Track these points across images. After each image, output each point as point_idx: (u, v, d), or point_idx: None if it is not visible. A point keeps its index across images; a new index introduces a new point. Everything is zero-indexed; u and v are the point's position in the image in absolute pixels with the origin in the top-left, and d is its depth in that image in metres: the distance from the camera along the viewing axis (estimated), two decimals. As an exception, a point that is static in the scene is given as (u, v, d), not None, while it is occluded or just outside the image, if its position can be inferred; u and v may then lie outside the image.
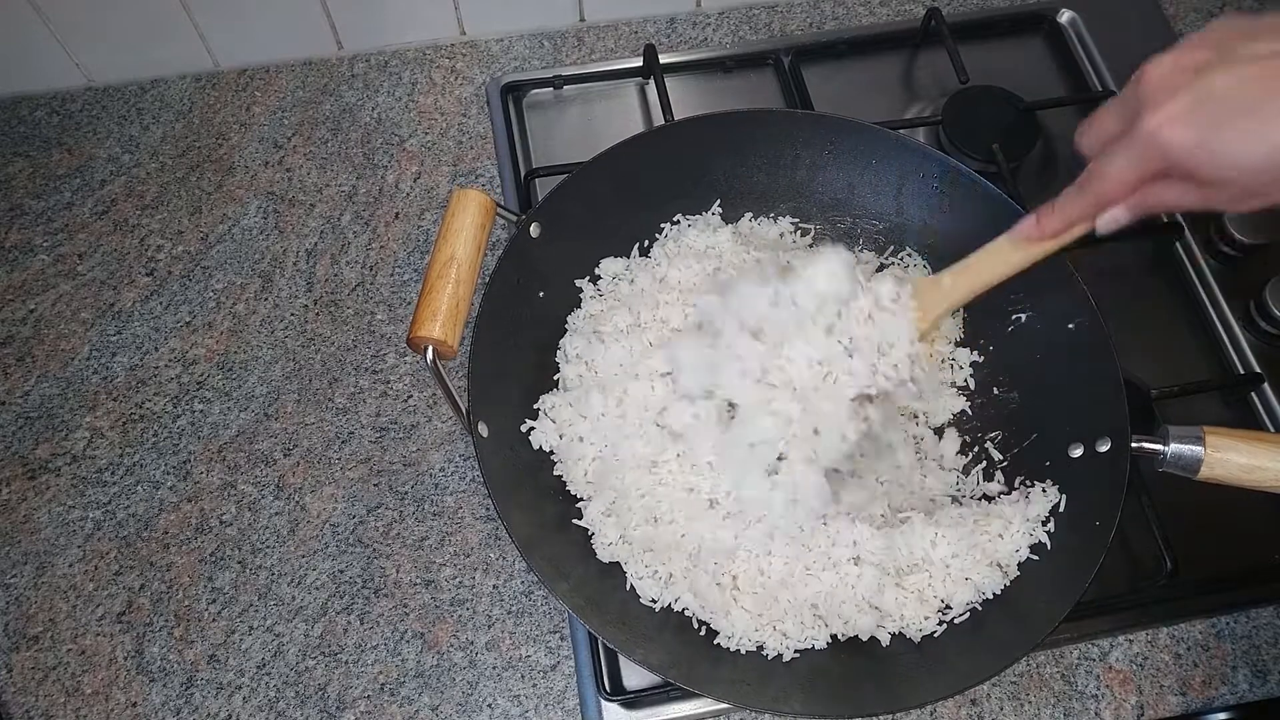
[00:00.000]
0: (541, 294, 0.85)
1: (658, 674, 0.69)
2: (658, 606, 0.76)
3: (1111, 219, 0.62)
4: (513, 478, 0.78)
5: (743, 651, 0.74)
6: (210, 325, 0.98)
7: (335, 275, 1.00)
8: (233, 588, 0.86)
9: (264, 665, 0.83)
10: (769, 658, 0.74)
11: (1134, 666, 0.83)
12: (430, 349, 0.70)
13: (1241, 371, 0.94)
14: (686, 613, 0.76)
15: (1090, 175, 0.60)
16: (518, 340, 0.83)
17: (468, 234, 0.73)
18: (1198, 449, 0.68)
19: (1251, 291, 0.96)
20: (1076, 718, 0.81)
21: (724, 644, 0.74)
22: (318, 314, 0.98)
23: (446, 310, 0.70)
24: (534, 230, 0.81)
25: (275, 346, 0.97)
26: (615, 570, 0.78)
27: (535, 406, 0.82)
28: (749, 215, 0.92)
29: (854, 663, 0.75)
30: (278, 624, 0.85)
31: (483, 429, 0.75)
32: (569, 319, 0.87)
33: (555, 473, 0.81)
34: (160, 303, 0.99)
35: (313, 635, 0.84)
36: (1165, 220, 1.01)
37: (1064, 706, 0.81)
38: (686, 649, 0.74)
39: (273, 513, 0.89)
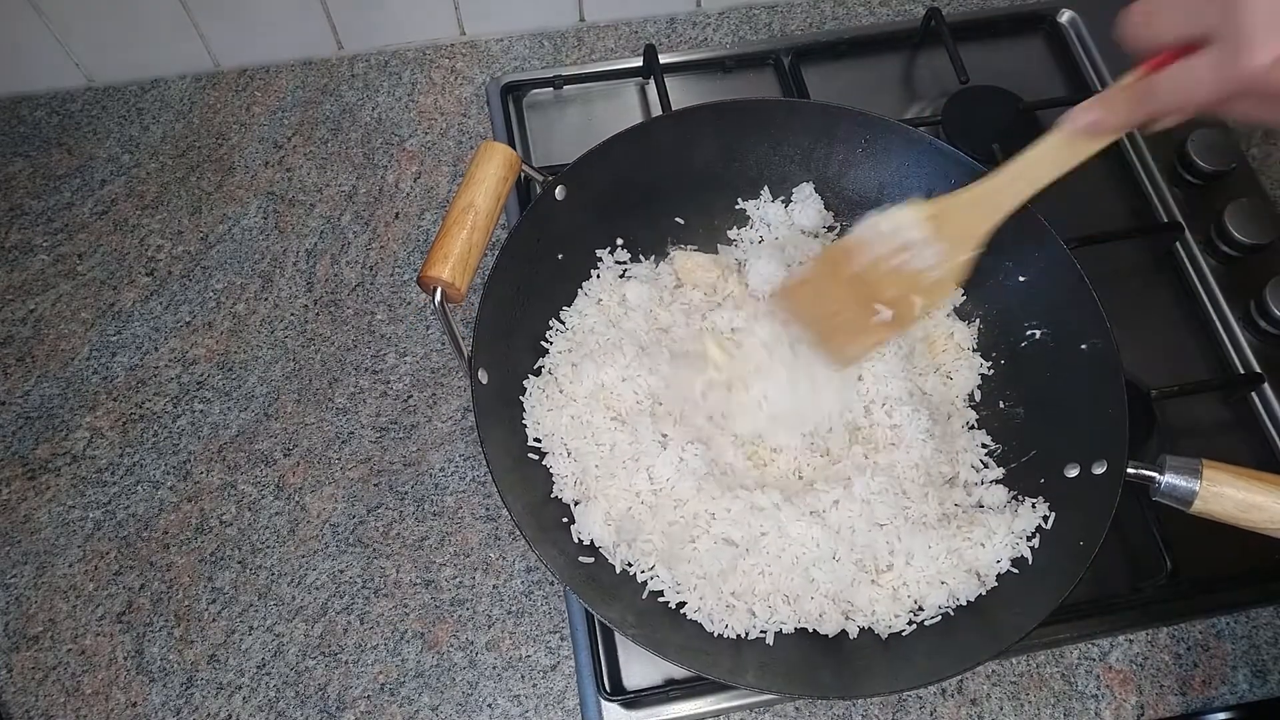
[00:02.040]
0: (560, 256, 0.85)
1: (620, 632, 0.69)
2: (634, 572, 0.77)
3: (1173, 120, 0.57)
4: (505, 432, 0.78)
5: (705, 624, 0.75)
6: (210, 325, 0.98)
7: (335, 275, 1.00)
8: (233, 588, 0.86)
9: (264, 665, 0.83)
10: (732, 635, 0.74)
11: (1134, 666, 0.83)
12: (438, 290, 0.70)
13: (1241, 371, 0.94)
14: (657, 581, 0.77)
15: (1163, 82, 0.55)
16: (530, 299, 0.83)
17: (489, 184, 0.73)
18: (1193, 483, 0.68)
19: (1251, 291, 0.96)
20: (1076, 718, 0.81)
21: (690, 615, 0.75)
22: (318, 314, 0.98)
23: (458, 254, 0.71)
24: (559, 193, 0.81)
25: (275, 346, 0.97)
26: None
27: (537, 366, 0.83)
28: (781, 200, 0.92)
29: (817, 648, 0.75)
30: (278, 624, 0.85)
31: (483, 376, 0.75)
32: (584, 285, 0.87)
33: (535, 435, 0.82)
34: (160, 303, 0.99)
35: (313, 635, 0.84)
36: (1165, 220, 1.01)
37: (1064, 706, 0.81)
38: (652, 613, 0.75)
39: (273, 513, 0.89)
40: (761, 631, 0.74)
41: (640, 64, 1.08)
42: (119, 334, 0.97)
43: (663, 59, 1.07)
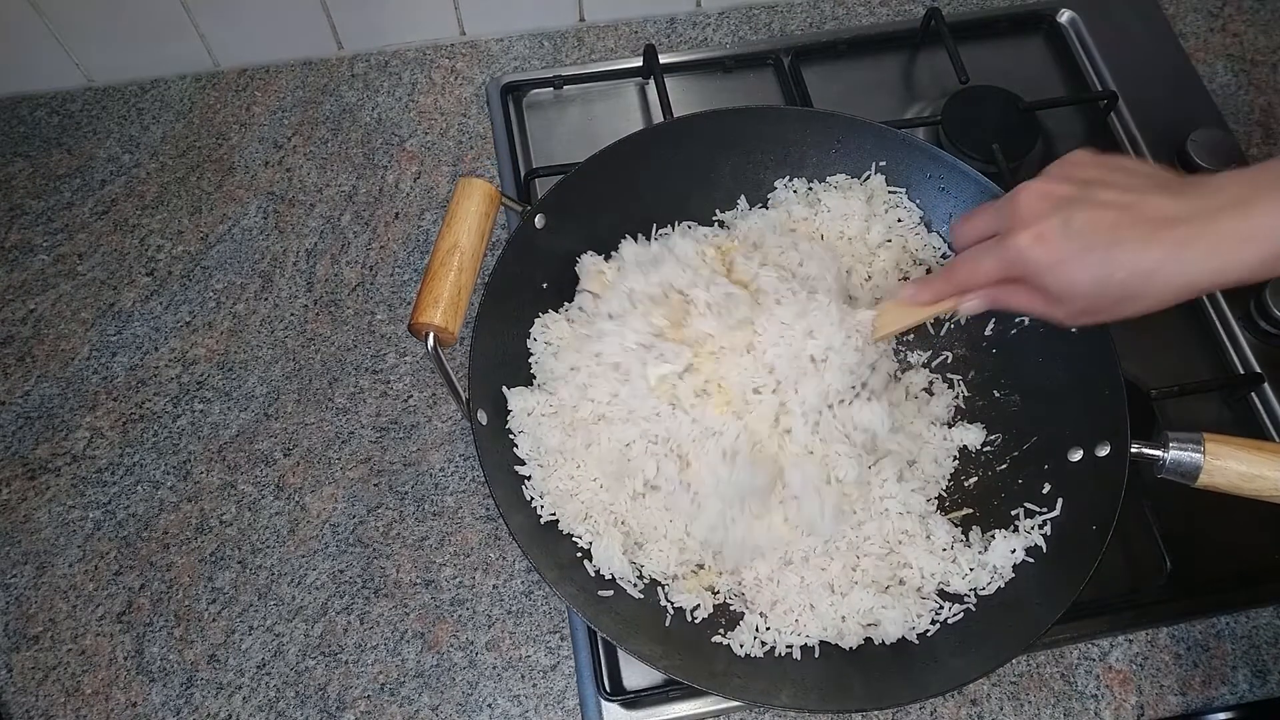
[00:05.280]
0: (545, 285, 0.85)
1: (650, 665, 0.69)
2: (655, 599, 0.76)
3: (971, 306, 0.72)
4: (513, 470, 0.78)
5: (733, 647, 0.75)
6: (210, 325, 0.98)
7: (335, 275, 1.00)
8: (233, 588, 0.86)
9: (264, 665, 0.83)
10: (759, 655, 0.74)
11: (1134, 666, 0.83)
12: (431, 335, 0.70)
13: (1241, 371, 0.94)
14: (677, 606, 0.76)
15: (959, 263, 0.71)
16: (520, 330, 0.83)
17: (471, 222, 0.73)
18: (1197, 456, 0.68)
19: (1251, 291, 0.96)
20: (1076, 718, 0.81)
21: (714, 638, 0.75)
22: (318, 314, 0.99)
23: (448, 297, 0.70)
24: (539, 221, 0.81)
25: (275, 346, 0.97)
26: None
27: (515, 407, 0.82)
28: (759, 206, 0.92)
29: (845, 658, 0.75)
30: (278, 624, 0.85)
31: (482, 417, 0.75)
32: (567, 311, 0.87)
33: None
34: (160, 303, 0.99)
35: (313, 635, 0.84)
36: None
37: (1064, 706, 0.81)
38: (678, 640, 0.74)
39: (273, 513, 0.89)
40: (788, 647, 0.75)
41: (640, 64, 1.08)
42: (119, 334, 0.97)
43: (663, 59, 1.07)
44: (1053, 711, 0.81)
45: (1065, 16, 1.14)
